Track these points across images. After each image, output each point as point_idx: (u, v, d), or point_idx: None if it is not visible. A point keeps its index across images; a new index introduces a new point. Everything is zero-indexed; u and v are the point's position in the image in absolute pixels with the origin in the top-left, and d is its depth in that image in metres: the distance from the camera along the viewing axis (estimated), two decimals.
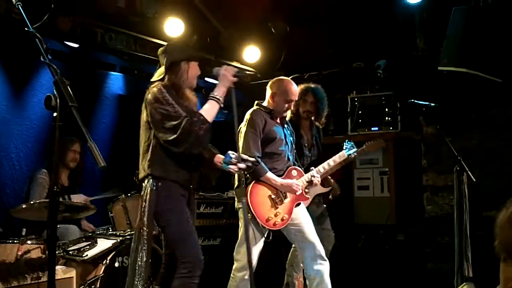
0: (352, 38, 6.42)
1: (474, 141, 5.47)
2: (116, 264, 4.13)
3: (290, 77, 5.48)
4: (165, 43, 6.32)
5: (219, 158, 3.54)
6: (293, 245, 4.61)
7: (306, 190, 4.26)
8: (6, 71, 5.30)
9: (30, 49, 2.31)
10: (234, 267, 4.03)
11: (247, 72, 3.59)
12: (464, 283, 3.93)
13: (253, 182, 4.00)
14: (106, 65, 6.51)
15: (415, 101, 4.30)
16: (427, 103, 4.32)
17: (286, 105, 4.18)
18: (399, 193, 6.23)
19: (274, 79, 4.32)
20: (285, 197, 4.08)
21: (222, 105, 3.43)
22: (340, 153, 4.55)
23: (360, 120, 6.43)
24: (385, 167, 6.31)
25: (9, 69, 5.31)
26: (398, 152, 6.28)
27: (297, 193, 4.10)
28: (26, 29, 2.25)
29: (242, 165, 3.37)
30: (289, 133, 4.32)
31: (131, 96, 6.73)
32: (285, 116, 4.32)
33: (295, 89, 4.23)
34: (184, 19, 5.87)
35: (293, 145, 4.37)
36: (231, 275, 4.02)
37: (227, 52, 6.34)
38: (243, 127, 4.08)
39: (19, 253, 3.85)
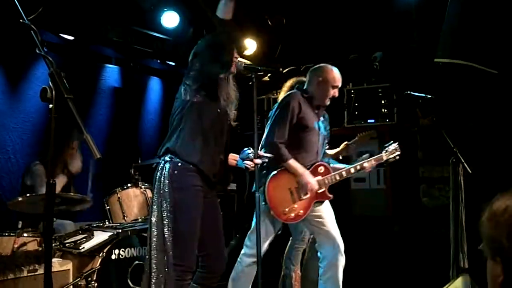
0: (348, 30, 6.41)
1: (470, 133, 5.47)
2: (113, 257, 4.13)
3: (286, 69, 5.49)
4: (160, 36, 6.36)
5: (233, 155, 3.50)
6: (290, 238, 4.59)
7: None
8: (1, 64, 5.29)
9: (26, 41, 2.30)
10: (243, 252, 3.95)
11: (269, 69, 3.44)
12: (460, 275, 3.94)
13: (277, 170, 3.85)
14: (102, 57, 6.51)
15: (412, 93, 4.29)
16: (424, 95, 4.32)
17: (332, 92, 4.02)
18: (395, 185, 6.24)
19: (317, 65, 4.15)
20: (306, 193, 3.89)
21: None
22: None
23: (356, 112, 6.43)
24: None
25: (5, 61, 5.30)
26: None
27: (319, 191, 3.94)
28: (21, 21, 2.24)
29: (258, 161, 3.31)
30: (323, 126, 4.13)
31: (127, 89, 6.74)
32: (325, 106, 4.12)
33: (340, 76, 4.08)
34: (180, 11, 5.85)
35: (326, 140, 4.18)
36: (238, 259, 3.95)
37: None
38: (276, 106, 3.96)
39: (16, 245, 3.86)
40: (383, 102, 6.38)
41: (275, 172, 3.85)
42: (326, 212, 4.03)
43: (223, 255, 3.43)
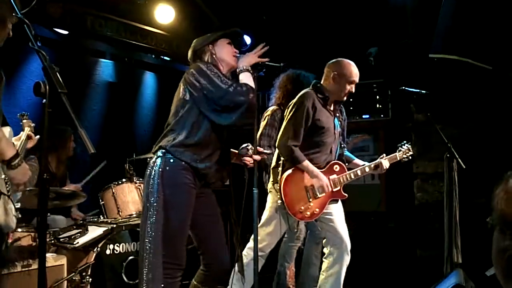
0: (343, 25, 6.40)
1: (464, 129, 5.49)
2: (107, 252, 4.13)
3: (282, 65, 5.46)
4: (155, 30, 6.34)
5: (232, 152, 3.40)
6: (285, 236, 4.57)
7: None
8: None
9: (19, 36, 2.29)
10: (249, 245, 3.96)
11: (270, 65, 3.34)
12: (454, 269, 3.96)
13: (293, 168, 3.84)
14: (96, 52, 6.48)
15: (406, 88, 4.29)
16: (418, 90, 4.32)
17: (348, 87, 3.93)
18: (390, 181, 6.25)
19: (334, 60, 4.07)
20: (321, 191, 3.89)
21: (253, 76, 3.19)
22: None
23: (351, 108, 6.43)
24: (376, 154, 6.33)
25: None
26: (389, 139, 6.29)
27: (335, 190, 3.96)
28: (14, 14, 2.22)
29: (257, 157, 3.27)
30: (339, 123, 4.08)
31: (121, 83, 6.73)
32: (341, 102, 4.07)
33: (357, 71, 3.99)
34: (174, 5, 5.83)
35: (342, 136, 4.16)
36: (244, 252, 3.88)
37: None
38: (290, 107, 3.91)
39: (9, 240, 3.84)
40: (377, 97, 6.39)
41: (290, 171, 3.85)
42: (336, 210, 4.04)
43: (225, 254, 3.33)
